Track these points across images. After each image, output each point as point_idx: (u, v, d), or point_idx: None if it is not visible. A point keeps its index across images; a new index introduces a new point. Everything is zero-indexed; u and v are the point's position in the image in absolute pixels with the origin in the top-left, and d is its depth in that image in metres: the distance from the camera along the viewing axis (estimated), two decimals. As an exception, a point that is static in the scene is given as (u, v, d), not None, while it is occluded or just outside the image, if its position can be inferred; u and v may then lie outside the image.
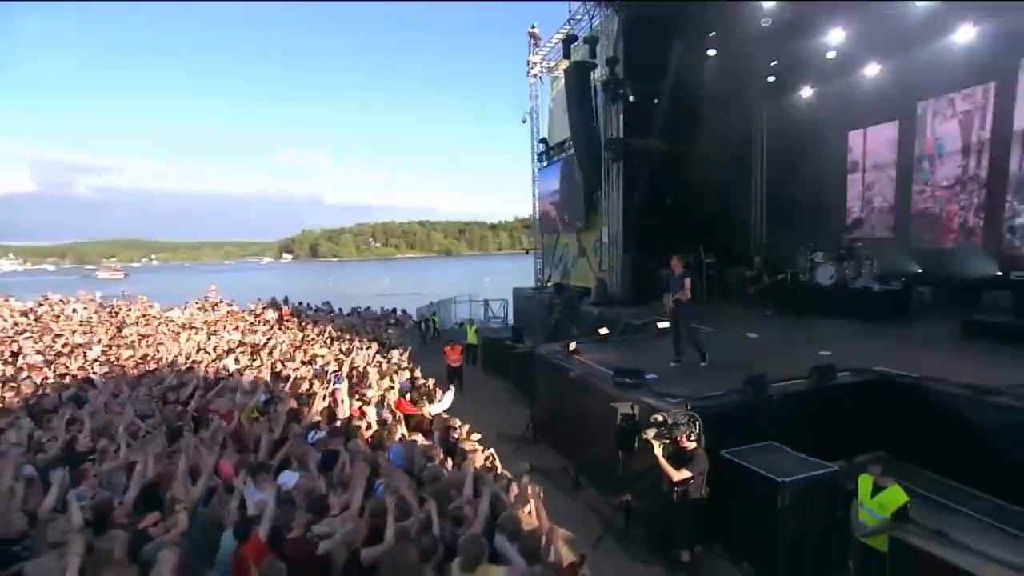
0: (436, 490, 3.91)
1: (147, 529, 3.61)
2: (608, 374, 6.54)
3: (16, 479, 4.15)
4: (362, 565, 3.28)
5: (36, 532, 3.51)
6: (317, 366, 9.10)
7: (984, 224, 10.74)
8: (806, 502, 4.52)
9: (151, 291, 29.87)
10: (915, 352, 7.06)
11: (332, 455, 4.97)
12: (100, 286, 44.45)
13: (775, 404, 5.53)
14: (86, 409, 6.54)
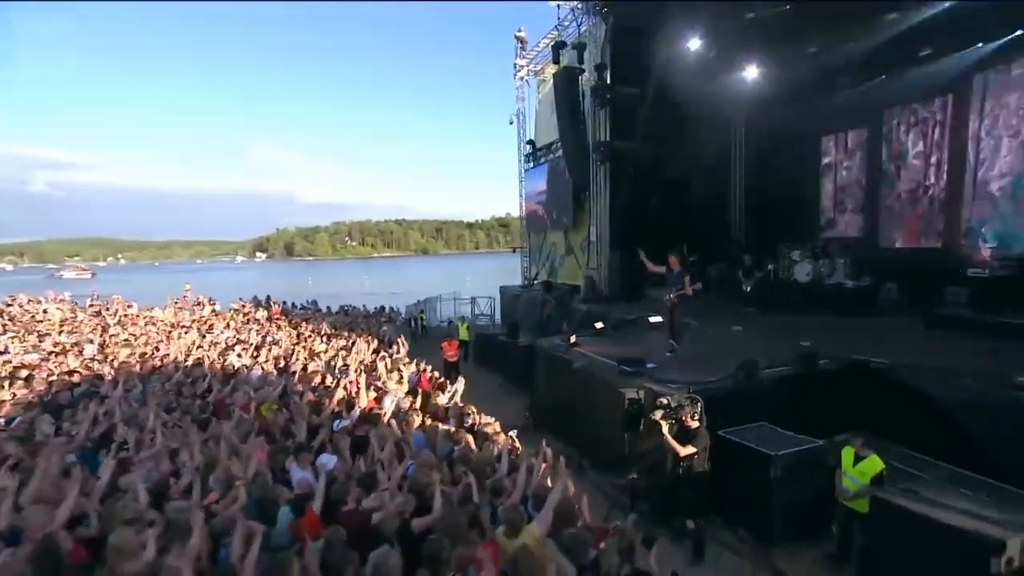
0: (473, 467, 4.32)
1: (210, 506, 3.93)
2: (610, 364, 7.03)
3: (72, 465, 4.40)
4: (412, 533, 3.66)
5: (106, 510, 3.78)
6: (322, 361, 9.37)
7: (943, 226, 11.61)
8: (796, 473, 5.07)
9: (122, 291, 29.10)
10: (885, 342, 7.73)
11: (362, 440, 5.32)
12: (67, 286, 43.02)
13: (765, 388, 6.11)
14: (108, 403, 6.70)
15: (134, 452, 5.23)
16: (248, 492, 4.10)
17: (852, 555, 4.71)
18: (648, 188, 14.22)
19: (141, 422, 5.92)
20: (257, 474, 4.61)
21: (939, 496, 4.05)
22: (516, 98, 18.89)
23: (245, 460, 4.68)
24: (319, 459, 4.85)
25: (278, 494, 4.16)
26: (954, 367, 6.10)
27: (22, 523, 3.60)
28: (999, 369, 5.84)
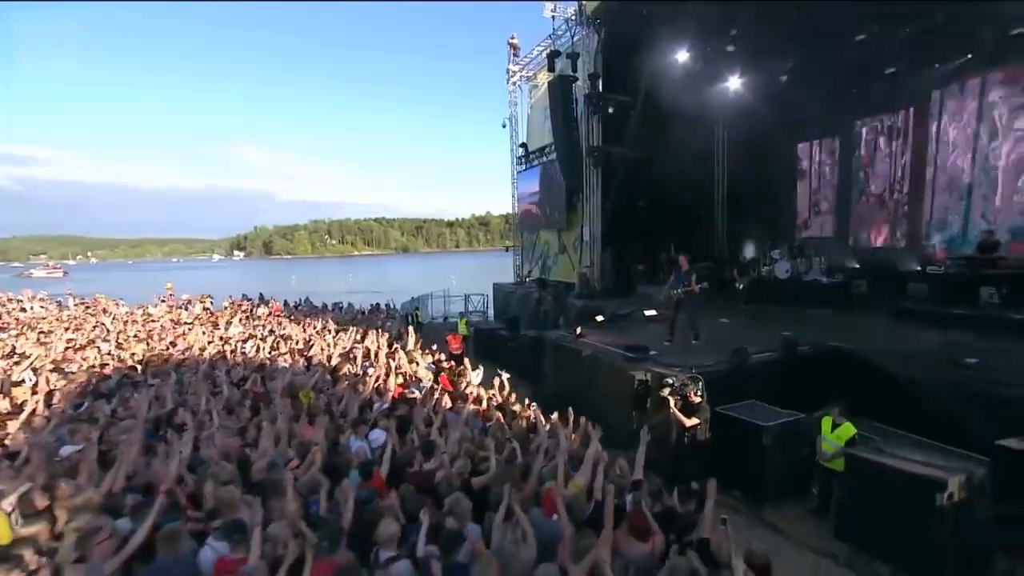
0: (513, 435, 5.04)
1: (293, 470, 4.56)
2: (616, 352, 7.81)
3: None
4: (472, 489, 4.34)
5: (201, 472, 4.38)
6: (338, 353, 9.94)
7: (906, 227, 12.74)
8: (782, 441, 5.91)
9: (97, 290, 28.63)
10: (856, 331, 8.68)
11: (404, 419, 5.98)
12: (38, 285, 41.96)
13: (754, 371, 6.96)
14: (155, 390, 7.21)
15: (195, 431, 5.79)
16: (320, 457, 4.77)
17: (830, 509, 5.55)
18: (637, 190, 15.09)
19: (193, 406, 6.48)
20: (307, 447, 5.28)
21: (899, 453, 4.91)
22: (509, 103, 19.63)
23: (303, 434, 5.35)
24: (371, 434, 5.51)
25: (348, 459, 4.82)
26: (913, 351, 7.05)
27: (148, 478, 4.24)
28: (949, 353, 6.79)
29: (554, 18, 15.62)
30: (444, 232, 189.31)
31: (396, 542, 3.43)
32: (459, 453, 4.72)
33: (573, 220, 16.25)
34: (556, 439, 4.84)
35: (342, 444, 5.24)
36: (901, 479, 4.55)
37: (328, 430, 5.61)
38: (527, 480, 4.29)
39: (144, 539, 3.35)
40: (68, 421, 6.01)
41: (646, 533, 3.30)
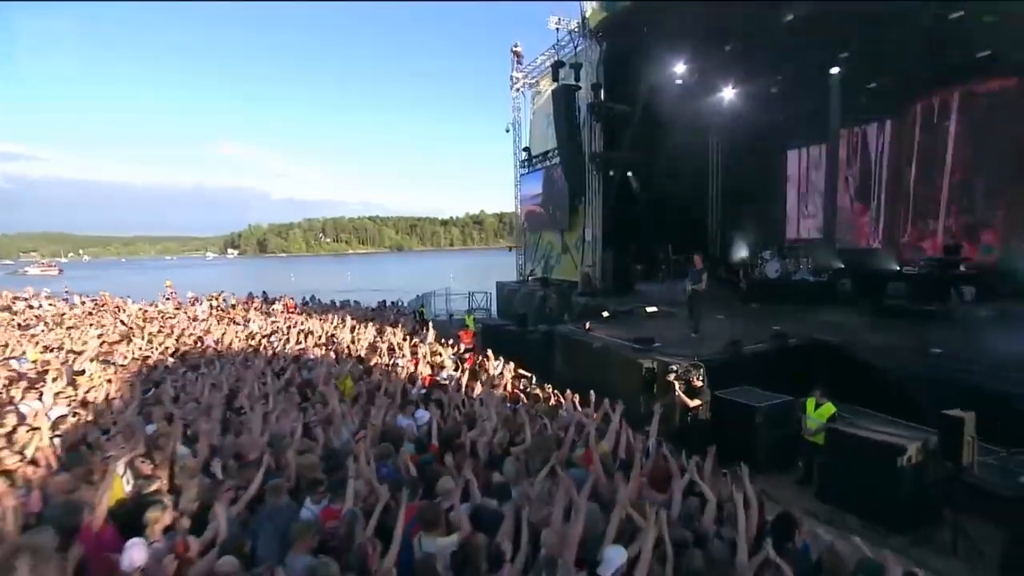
0: (543, 412, 5.86)
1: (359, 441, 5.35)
2: (624, 343, 8.66)
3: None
4: (510, 455, 5.15)
5: (277, 442, 5.15)
6: (365, 346, 10.71)
7: (885, 230, 13.70)
8: (773, 420, 6.77)
9: (94, 288, 28.82)
10: (839, 326, 9.59)
11: (441, 402, 6.77)
12: (34, 283, 41.96)
13: (748, 360, 7.83)
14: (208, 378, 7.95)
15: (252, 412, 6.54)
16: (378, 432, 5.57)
17: (813, 478, 6.42)
18: (636, 194, 15.97)
19: (248, 392, 7.23)
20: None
21: (870, 427, 5.79)
22: (512, 108, 20.42)
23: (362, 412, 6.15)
24: (416, 413, 6.31)
25: (400, 434, 5.62)
26: (886, 343, 7.95)
27: (236, 448, 5.02)
28: (919, 344, 7.69)
29: (558, 30, 16.43)
30: (438, 231, 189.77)
31: (453, 494, 4.24)
32: (498, 427, 5.53)
33: (575, 222, 17.08)
34: (580, 415, 5.67)
35: (390, 422, 6.04)
36: (870, 447, 5.42)
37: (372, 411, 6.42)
38: (560, 448, 5.12)
39: (256, 491, 4.14)
40: (143, 404, 6.76)
41: (665, 482, 4.13)
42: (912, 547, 4.94)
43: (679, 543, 3.26)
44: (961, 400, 5.31)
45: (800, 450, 6.71)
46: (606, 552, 3.14)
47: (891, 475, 5.19)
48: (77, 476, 4.29)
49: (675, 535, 3.31)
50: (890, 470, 5.21)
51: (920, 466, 5.16)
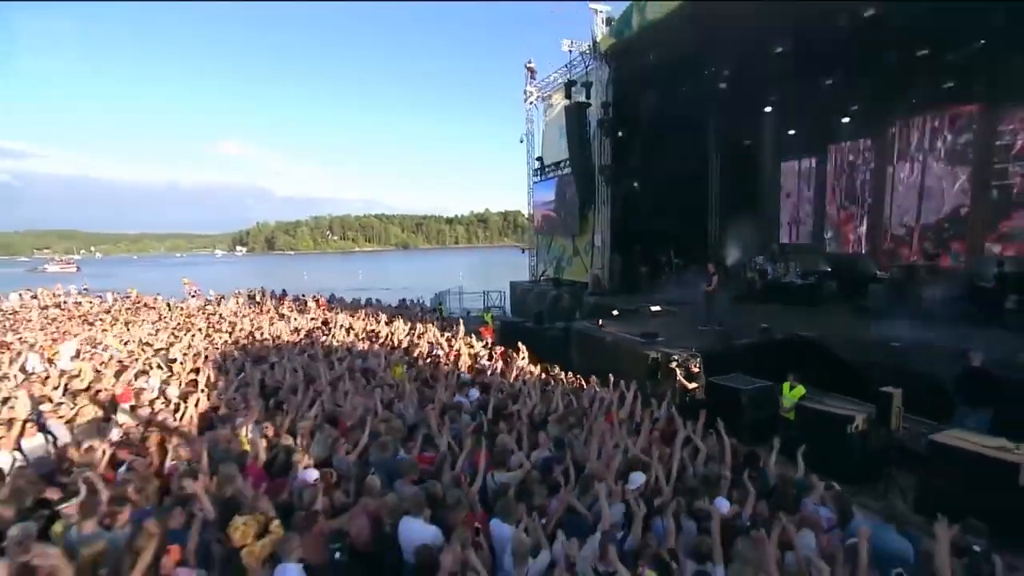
0: (569, 391, 7.36)
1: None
2: (632, 337, 10.16)
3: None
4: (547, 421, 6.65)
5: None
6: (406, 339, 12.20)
7: (867, 237, 15.15)
8: (755, 401, 8.24)
9: (111, 285, 29.78)
10: (821, 323, 11.03)
11: (485, 384, 8.28)
12: (53, 280, 43.38)
13: (739, 351, 9.32)
14: (284, 364, 9.47)
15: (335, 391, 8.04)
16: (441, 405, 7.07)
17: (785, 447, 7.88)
18: (642, 203, 17.43)
19: (324, 377, 8.74)
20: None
21: (831, 404, 7.27)
22: (526, 120, 21.91)
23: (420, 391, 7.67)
24: (469, 392, 7.81)
25: (458, 407, 7.12)
26: (856, 338, 9.42)
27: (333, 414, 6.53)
28: (884, 338, 9.17)
29: (571, 51, 17.86)
30: (443, 229, 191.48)
31: (511, 445, 5.72)
32: (537, 402, 7.04)
33: (585, 227, 18.53)
34: (600, 392, 7.18)
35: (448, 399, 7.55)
36: (828, 418, 6.92)
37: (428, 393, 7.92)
38: (588, 416, 6.63)
39: (363, 447, 5.61)
40: (240, 385, 8.28)
41: (672, 437, 5.62)
42: (857, 495, 6.41)
43: (681, 471, 4.80)
44: (898, 380, 6.80)
45: (777, 425, 8.19)
46: (632, 476, 4.66)
47: (843, 440, 6.68)
48: (223, 436, 5.82)
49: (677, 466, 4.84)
50: (842, 436, 6.70)
51: (865, 432, 6.65)
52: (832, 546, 3.65)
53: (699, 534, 3.84)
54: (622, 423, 6.08)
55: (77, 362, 10.05)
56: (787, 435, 7.77)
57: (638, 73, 16.07)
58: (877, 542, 3.59)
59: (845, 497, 4.46)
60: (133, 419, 6.62)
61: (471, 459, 5.25)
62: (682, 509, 4.17)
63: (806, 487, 4.60)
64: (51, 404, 6.92)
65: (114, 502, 3.97)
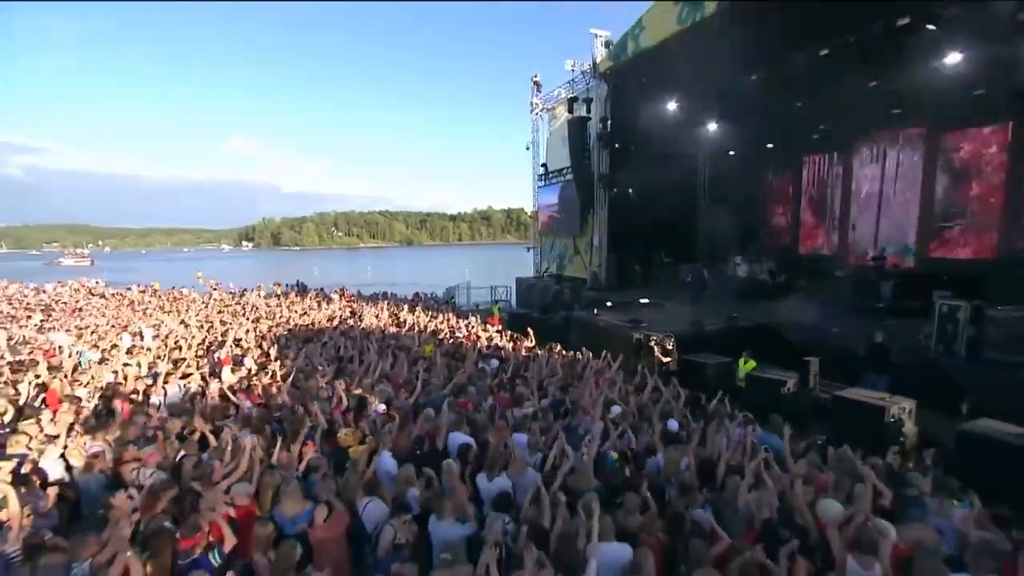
0: (567, 361, 9.38)
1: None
2: (621, 324, 12.18)
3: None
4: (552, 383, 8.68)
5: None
6: (426, 322, 14.20)
7: (838, 240, 17.13)
8: (719, 373, 10.24)
9: (129, 279, 31.39)
10: (781, 314, 13.02)
11: (499, 357, 10.29)
12: (68, 273, 45.33)
13: (709, 334, 11.33)
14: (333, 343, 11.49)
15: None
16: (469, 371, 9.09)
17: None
18: (636, 208, 19.41)
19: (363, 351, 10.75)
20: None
21: (772, 373, 9.29)
22: (531, 129, 23.85)
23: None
24: (490, 361, 9.83)
25: (484, 372, 9.14)
26: (802, 324, 11.42)
27: (385, 373, 8.56)
28: (827, 325, 11.17)
29: (573, 70, 19.85)
30: (447, 225, 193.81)
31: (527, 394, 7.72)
32: (543, 367, 9.08)
33: (585, 229, 20.51)
34: (592, 362, 9.23)
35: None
36: (767, 382, 8.94)
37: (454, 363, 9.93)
38: (582, 377, 8.65)
39: (417, 394, 7.63)
40: (306, 356, 10.30)
41: (643, 388, 7.64)
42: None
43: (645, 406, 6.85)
44: (824, 354, 8.82)
45: (736, 392, 10.20)
46: (612, 408, 6.70)
47: (778, 398, 8.68)
48: (313, 385, 7.85)
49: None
50: (777, 395, 8.70)
51: (795, 392, 8.66)
52: (737, 440, 5.69)
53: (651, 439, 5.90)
54: (607, 381, 8.11)
55: (158, 340, 12.14)
56: (739, 397, 9.87)
57: (633, 92, 17.99)
58: (763, 439, 5.66)
59: (751, 421, 6.48)
60: (234, 377, 8.63)
61: (495, 402, 7.31)
62: (642, 427, 6.21)
63: (727, 415, 6.61)
64: (169, 365, 9.01)
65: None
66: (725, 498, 4.61)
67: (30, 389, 7.64)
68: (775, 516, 4.23)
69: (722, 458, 5.27)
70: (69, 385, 7.95)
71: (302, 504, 4.47)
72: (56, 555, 3.65)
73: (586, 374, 8.79)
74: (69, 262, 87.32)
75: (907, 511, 4.44)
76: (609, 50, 18.19)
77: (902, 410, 7.25)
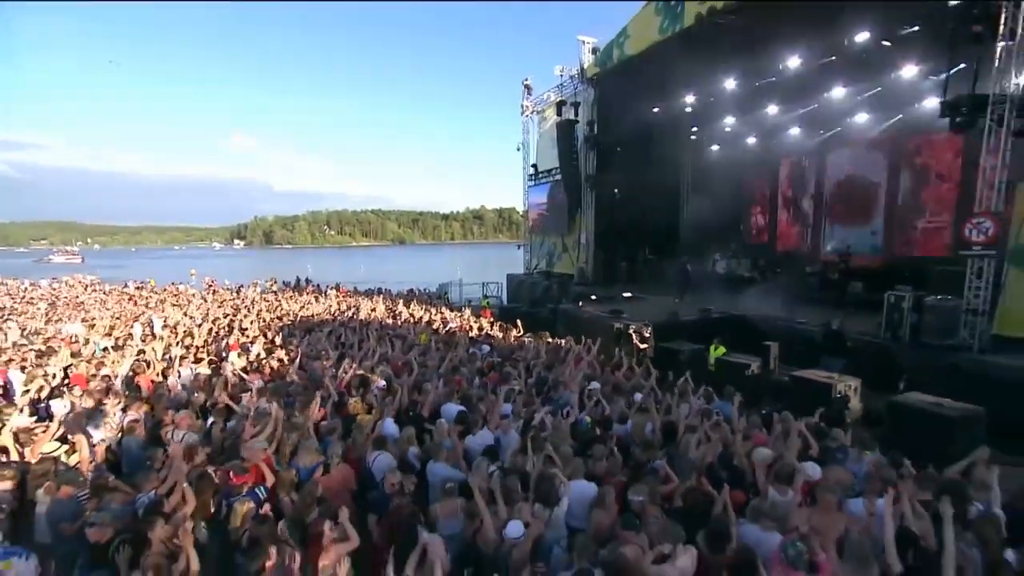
0: (553, 347, 10.22)
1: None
2: (603, 314, 13.05)
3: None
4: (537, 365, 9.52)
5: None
6: (420, 314, 14.98)
7: (810, 239, 18.12)
8: (692, 359, 11.09)
9: (116, 276, 31.54)
10: (751, 306, 13.94)
11: (490, 343, 11.10)
12: (59, 270, 45.41)
13: (684, 324, 12.22)
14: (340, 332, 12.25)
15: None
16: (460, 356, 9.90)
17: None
18: (621, 207, 20.30)
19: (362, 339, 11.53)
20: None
21: (739, 357, 10.18)
22: (522, 130, 24.70)
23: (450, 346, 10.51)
24: (481, 346, 10.64)
25: (475, 356, 9.95)
26: (780, 316, 12.35)
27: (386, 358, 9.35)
28: (790, 315, 12.10)
29: (562, 75, 20.70)
30: (439, 225, 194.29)
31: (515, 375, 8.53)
32: (530, 351, 9.91)
33: (573, 227, 21.36)
34: (573, 347, 10.07)
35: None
36: (734, 366, 9.83)
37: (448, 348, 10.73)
38: (565, 360, 9.49)
39: (416, 373, 8.45)
40: (310, 343, 11.06)
41: (618, 368, 8.49)
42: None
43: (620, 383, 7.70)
44: (784, 340, 9.72)
45: (707, 375, 11.08)
46: (591, 383, 7.54)
47: (743, 379, 9.56)
48: (318, 366, 8.62)
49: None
50: (742, 377, 9.58)
51: (757, 375, 9.56)
52: (696, 409, 6.57)
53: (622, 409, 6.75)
54: (586, 362, 8.96)
55: (167, 330, 12.83)
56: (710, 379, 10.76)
57: (619, 96, 18.86)
58: (718, 406, 6.57)
59: (711, 394, 7.36)
60: (243, 361, 9.37)
61: (485, 380, 8.14)
62: (615, 399, 7.07)
63: (691, 390, 7.48)
64: (182, 351, 9.75)
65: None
66: (680, 451, 5.47)
67: (58, 372, 8.35)
68: (716, 461, 5.11)
69: (681, 422, 6.15)
70: (95, 367, 8.66)
71: (316, 457, 5.26)
72: (119, 494, 4.44)
73: (568, 357, 9.64)
74: (60, 259, 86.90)
75: (831, 458, 5.32)
76: (596, 56, 19.04)
77: (848, 387, 8.17)
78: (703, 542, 3.79)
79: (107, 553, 3.63)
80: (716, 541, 3.75)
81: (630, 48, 16.62)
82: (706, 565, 3.66)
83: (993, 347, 8.64)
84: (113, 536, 3.71)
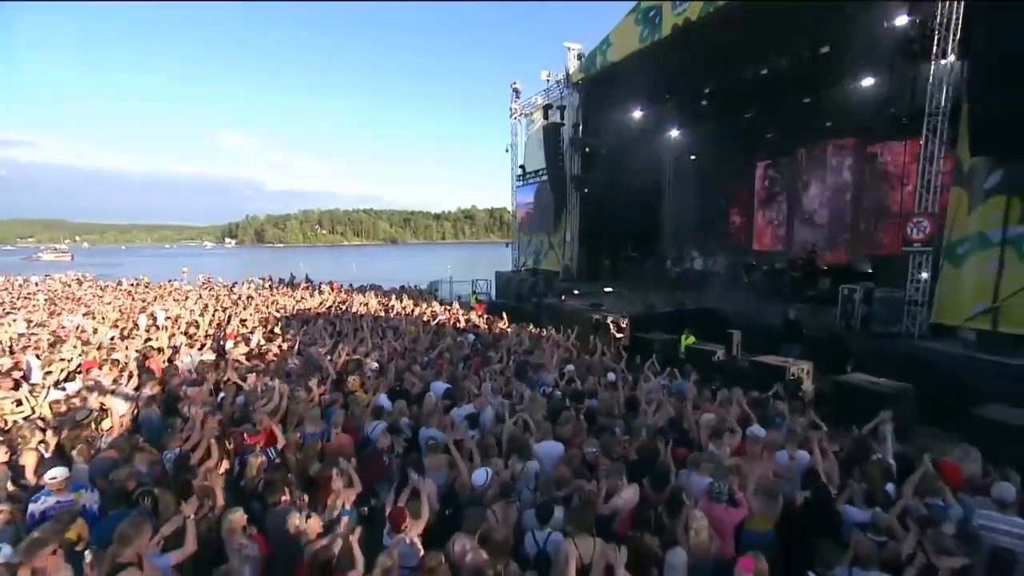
0: (535, 336, 10.98)
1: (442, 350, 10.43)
2: (583, 307, 13.84)
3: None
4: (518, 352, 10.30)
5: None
6: (411, 309, 15.69)
7: (785, 237, 19.04)
8: (665, 347, 11.91)
9: (107, 274, 31.64)
10: (724, 299, 14.79)
11: (476, 333, 11.86)
12: (49, 268, 45.32)
13: (659, 316, 13.04)
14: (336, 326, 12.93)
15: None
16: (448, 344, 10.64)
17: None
18: (605, 207, 21.12)
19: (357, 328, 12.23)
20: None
21: (707, 345, 11.01)
22: (511, 132, 25.44)
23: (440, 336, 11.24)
24: (467, 336, 11.39)
25: (462, 344, 10.69)
26: (747, 308, 13.20)
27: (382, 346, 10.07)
28: (758, 308, 12.95)
29: (548, 80, 21.49)
30: (431, 224, 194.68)
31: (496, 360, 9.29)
32: (513, 339, 10.66)
33: (559, 226, 22.16)
34: (552, 336, 10.85)
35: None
36: (701, 352, 10.65)
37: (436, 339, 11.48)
38: (542, 345, 10.27)
39: (407, 362, 9.18)
40: (307, 332, 11.74)
41: (594, 353, 9.27)
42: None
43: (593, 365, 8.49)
44: (748, 329, 10.56)
45: (678, 361, 11.89)
46: (567, 366, 8.33)
47: (709, 365, 10.39)
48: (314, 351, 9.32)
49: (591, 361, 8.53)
50: (709, 363, 10.41)
51: (723, 361, 10.39)
52: (658, 385, 7.37)
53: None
54: (564, 348, 9.75)
55: (170, 321, 13.45)
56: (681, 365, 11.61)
57: (603, 101, 19.68)
58: (678, 385, 7.38)
59: (675, 374, 8.17)
60: (243, 349, 10.03)
61: (470, 364, 8.91)
62: (587, 378, 7.86)
63: (656, 372, 8.29)
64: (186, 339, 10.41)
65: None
66: (639, 418, 6.27)
67: (74, 356, 8.98)
68: (667, 425, 5.93)
69: (643, 396, 6.96)
70: (106, 354, 9.30)
71: (319, 425, 5.98)
72: (146, 454, 5.14)
73: (548, 343, 10.41)
74: (49, 257, 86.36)
75: (771, 423, 6.16)
76: (581, 62, 19.84)
77: (800, 370, 9.01)
78: (648, 483, 4.63)
79: (130, 500, 4.24)
80: (658, 482, 4.62)
81: (613, 55, 17.43)
82: (650, 501, 4.48)
83: (932, 334, 9.53)
84: (135, 487, 4.36)
